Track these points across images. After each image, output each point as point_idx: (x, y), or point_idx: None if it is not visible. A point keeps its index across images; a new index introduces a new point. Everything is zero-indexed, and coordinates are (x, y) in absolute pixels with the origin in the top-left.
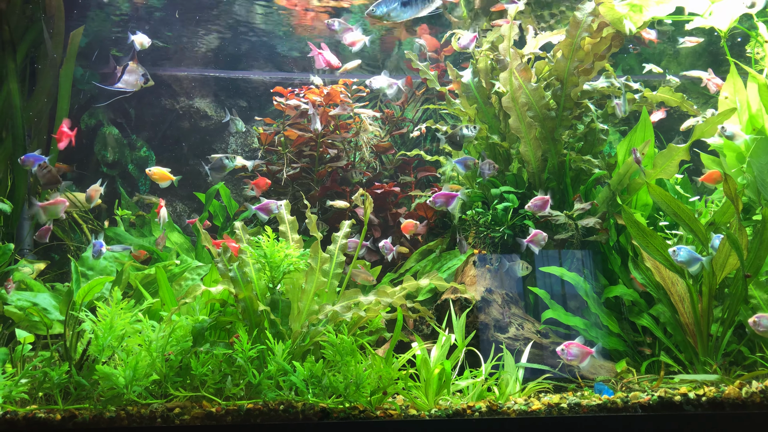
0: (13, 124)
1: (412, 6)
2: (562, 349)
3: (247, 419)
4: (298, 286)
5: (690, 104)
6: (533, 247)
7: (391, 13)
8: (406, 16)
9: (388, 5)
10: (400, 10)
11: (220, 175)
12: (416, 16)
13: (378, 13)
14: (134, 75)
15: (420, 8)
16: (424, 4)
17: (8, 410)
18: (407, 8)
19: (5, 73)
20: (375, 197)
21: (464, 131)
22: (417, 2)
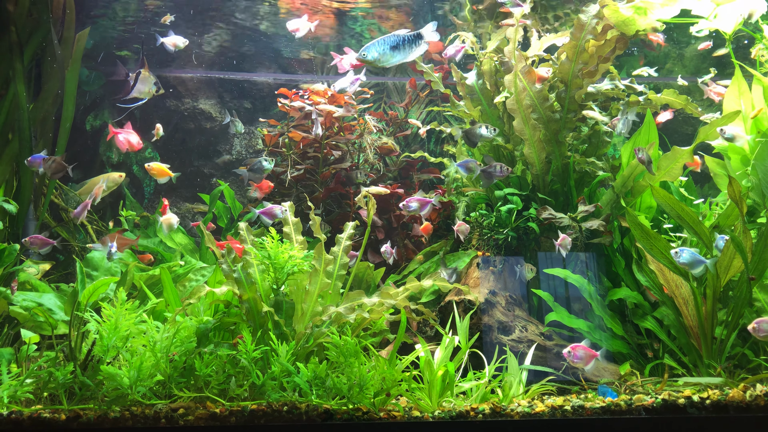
0: (19, 125)
1: (400, 50)
2: (568, 351)
3: (251, 420)
4: (302, 288)
5: (695, 106)
6: (562, 250)
7: (381, 57)
8: (395, 60)
9: (378, 49)
10: (389, 54)
11: (258, 176)
12: (405, 61)
13: (369, 57)
14: (147, 83)
15: (408, 52)
16: (411, 48)
17: (13, 410)
18: (396, 52)
19: (12, 74)
20: (378, 199)
21: (482, 131)
22: (405, 47)
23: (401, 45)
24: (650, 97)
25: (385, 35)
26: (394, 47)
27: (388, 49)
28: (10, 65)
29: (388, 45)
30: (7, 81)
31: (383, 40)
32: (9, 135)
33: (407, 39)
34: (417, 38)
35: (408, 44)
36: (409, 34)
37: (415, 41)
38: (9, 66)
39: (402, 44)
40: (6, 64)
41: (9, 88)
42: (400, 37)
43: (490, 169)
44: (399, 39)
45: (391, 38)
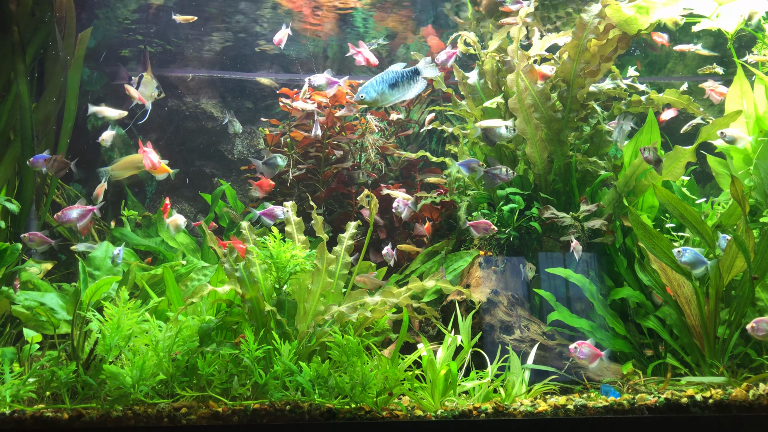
0: (22, 125)
1: (398, 88)
2: (574, 348)
3: (254, 419)
4: (305, 287)
5: (696, 106)
6: (576, 254)
7: (379, 97)
8: (394, 99)
9: (377, 89)
10: (388, 92)
11: (271, 171)
12: (404, 99)
13: (368, 98)
14: (149, 86)
15: (407, 89)
16: (410, 85)
17: (16, 409)
18: (395, 90)
19: (15, 74)
20: (380, 198)
21: (501, 131)
22: (404, 84)
23: (399, 82)
24: (652, 97)
25: (382, 73)
26: (393, 85)
27: (387, 88)
28: (12, 65)
29: (387, 83)
30: (9, 81)
31: (381, 79)
32: (11, 135)
33: (405, 75)
34: (414, 74)
35: (406, 81)
36: (407, 71)
37: (413, 77)
38: (11, 66)
39: (400, 81)
40: (8, 64)
41: (11, 88)
42: (398, 74)
43: (495, 171)
44: (397, 76)
45: (389, 75)
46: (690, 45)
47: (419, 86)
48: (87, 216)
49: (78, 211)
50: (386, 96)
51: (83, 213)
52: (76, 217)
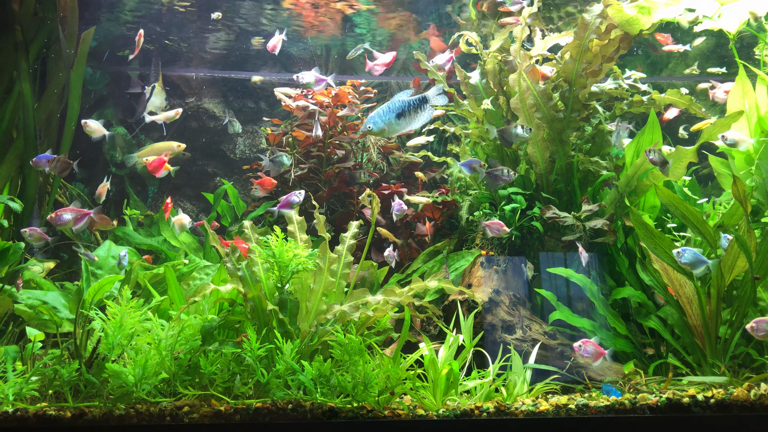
0: (24, 123)
1: (406, 117)
2: (579, 346)
3: (256, 418)
4: (307, 286)
5: (698, 107)
6: (583, 260)
7: (386, 127)
8: (401, 128)
9: (384, 118)
10: (395, 123)
11: (277, 169)
12: (412, 129)
13: (375, 129)
14: (160, 97)
15: (414, 119)
16: (417, 114)
17: (19, 407)
18: (402, 120)
19: (17, 73)
20: (382, 198)
21: (518, 131)
22: (411, 113)
23: (407, 111)
24: (654, 97)
25: (389, 102)
26: (400, 115)
27: (394, 118)
28: (15, 64)
29: (394, 113)
30: (12, 80)
31: (388, 108)
32: (14, 133)
33: (412, 104)
34: (422, 102)
35: (414, 109)
36: (414, 99)
37: (421, 105)
38: (14, 65)
39: (407, 110)
40: (11, 63)
41: (14, 86)
42: (405, 103)
43: (497, 172)
44: (404, 104)
45: (396, 104)
46: (679, 45)
47: (427, 114)
48: (83, 220)
49: (72, 213)
50: (393, 126)
51: (78, 216)
52: (69, 219)
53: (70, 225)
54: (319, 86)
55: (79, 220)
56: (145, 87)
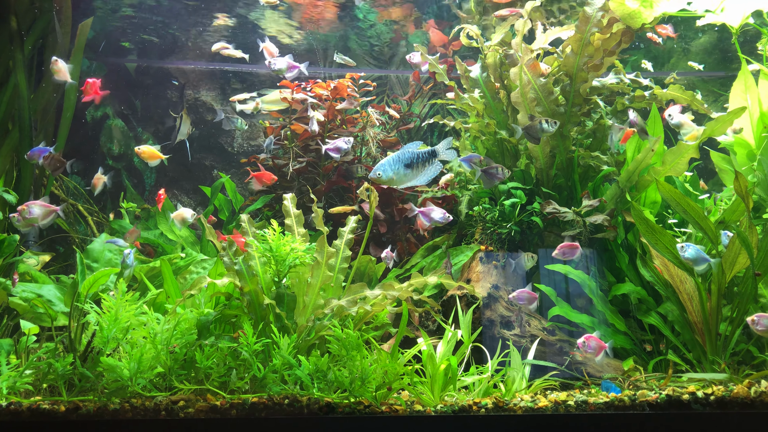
0: (20, 115)
1: (413, 168)
2: (583, 342)
3: (252, 413)
4: (304, 280)
5: (700, 102)
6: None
7: (395, 176)
8: (407, 180)
9: (393, 167)
10: (403, 172)
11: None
12: (419, 183)
13: (384, 177)
14: (187, 124)
15: (422, 170)
16: (425, 166)
17: (12, 401)
18: (409, 170)
19: (13, 64)
20: (381, 192)
21: (544, 125)
22: (419, 164)
23: (415, 163)
24: (656, 92)
25: (398, 152)
26: (408, 165)
27: (402, 168)
28: (10, 55)
29: (402, 163)
30: (8, 70)
31: (397, 158)
32: (9, 125)
33: (421, 156)
34: (431, 156)
35: (422, 162)
36: (423, 152)
37: (430, 159)
38: (9, 56)
39: (416, 162)
40: (6, 54)
41: (10, 78)
42: (414, 154)
43: (492, 170)
44: (413, 156)
45: (405, 155)
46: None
47: (435, 168)
48: (50, 216)
49: (40, 208)
50: (401, 176)
51: (46, 212)
52: (37, 214)
53: (38, 220)
54: (291, 73)
55: (46, 216)
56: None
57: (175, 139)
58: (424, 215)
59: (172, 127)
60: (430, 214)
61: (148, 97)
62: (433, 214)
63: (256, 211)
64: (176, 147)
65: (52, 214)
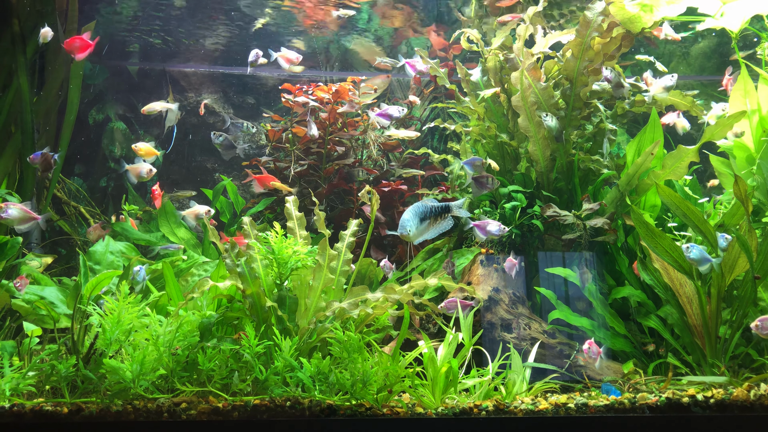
0: (22, 118)
1: (426, 221)
2: (587, 347)
3: (254, 415)
4: (306, 283)
5: (700, 108)
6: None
7: (411, 231)
8: (424, 232)
9: (413, 223)
10: (421, 226)
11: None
12: (434, 232)
13: (412, 233)
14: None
15: (433, 223)
16: (436, 221)
17: (15, 403)
18: (424, 223)
19: (15, 67)
20: (382, 195)
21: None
22: (430, 217)
23: (427, 216)
24: (655, 97)
25: (415, 205)
26: (423, 218)
27: (419, 221)
28: (13, 57)
29: (417, 217)
30: (11, 74)
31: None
32: (12, 128)
33: (435, 210)
34: (445, 211)
35: (434, 217)
36: (437, 206)
37: (443, 214)
38: (12, 58)
39: (428, 215)
40: (9, 57)
41: (12, 80)
42: (427, 207)
43: (482, 179)
44: (426, 209)
45: (420, 209)
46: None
47: (447, 224)
48: (27, 223)
49: (19, 211)
50: (419, 229)
51: (24, 217)
52: (15, 217)
53: (14, 222)
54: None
55: (24, 221)
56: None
57: (165, 128)
58: (479, 228)
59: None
60: (485, 227)
61: (150, 100)
62: (489, 227)
63: (258, 214)
64: (175, 148)
65: (30, 222)
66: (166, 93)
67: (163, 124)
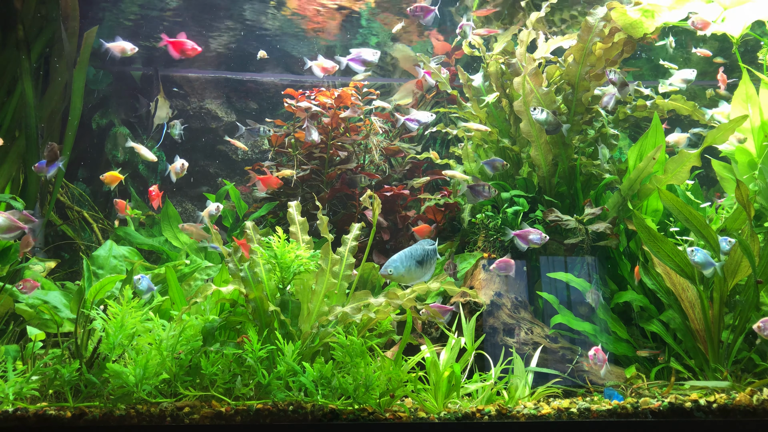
0: (26, 123)
1: (423, 265)
2: (593, 354)
3: (257, 419)
4: (308, 287)
5: (702, 113)
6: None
7: (405, 273)
8: (417, 277)
9: (405, 264)
10: (414, 269)
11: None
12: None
13: (396, 274)
14: (164, 108)
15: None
16: (431, 264)
17: (19, 407)
18: (420, 267)
19: (20, 72)
20: (384, 200)
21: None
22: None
23: (425, 260)
24: (657, 102)
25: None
26: (419, 262)
27: (414, 264)
28: (17, 62)
29: (414, 259)
30: (15, 78)
31: (409, 255)
32: (16, 132)
33: (430, 253)
34: (435, 253)
35: (429, 259)
36: (431, 249)
37: (434, 256)
38: (16, 63)
39: (426, 259)
40: (13, 62)
41: (16, 85)
42: (425, 251)
43: (478, 187)
44: (423, 252)
45: (417, 252)
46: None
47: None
48: (13, 232)
49: (5, 220)
50: (412, 273)
51: (10, 226)
52: (1, 225)
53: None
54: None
55: (10, 230)
56: (150, 103)
57: (153, 125)
58: (521, 238)
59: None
60: (527, 236)
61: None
62: (531, 236)
63: (260, 219)
64: (178, 153)
65: (16, 231)
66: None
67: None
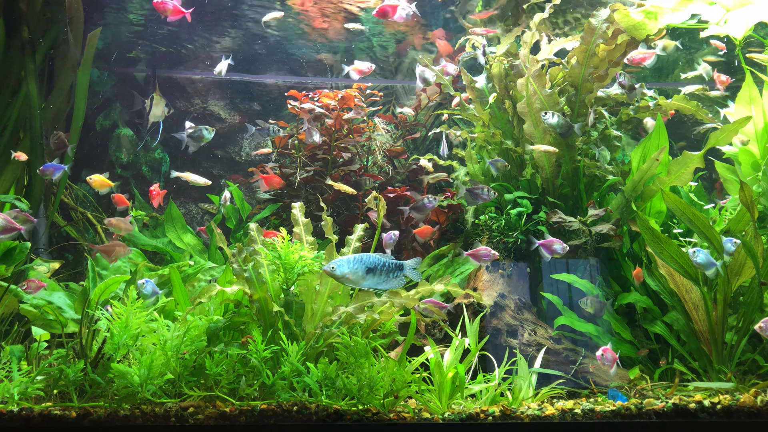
0: (31, 124)
1: (375, 275)
2: (600, 354)
3: (261, 420)
4: (312, 288)
5: (705, 113)
6: (545, 253)
7: (350, 275)
8: (365, 284)
9: (351, 267)
10: (361, 275)
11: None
12: (378, 289)
13: (338, 273)
14: (160, 106)
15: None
16: (388, 277)
17: (24, 407)
18: (370, 276)
19: (24, 73)
20: (387, 201)
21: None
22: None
23: (377, 270)
24: (660, 103)
25: (365, 254)
26: (370, 270)
27: (362, 270)
28: (22, 64)
29: (364, 265)
30: (20, 80)
31: (360, 259)
32: (21, 133)
33: (387, 266)
34: (398, 269)
35: (385, 272)
36: (390, 262)
37: (395, 272)
38: (21, 65)
39: (379, 269)
40: (18, 63)
41: (21, 87)
42: (380, 261)
43: (477, 190)
44: (378, 262)
45: (371, 259)
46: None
47: (398, 282)
48: (9, 233)
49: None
50: (358, 278)
51: (7, 227)
52: None
53: None
54: None
55: (7, 230)
56: (145, 101)
57: (148, 123)
58: (545, 247)
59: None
60: (551, 246)
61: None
62: (555, 245)
63: (264, 220)
64: (181, 155)
65: (12, 233)
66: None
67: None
